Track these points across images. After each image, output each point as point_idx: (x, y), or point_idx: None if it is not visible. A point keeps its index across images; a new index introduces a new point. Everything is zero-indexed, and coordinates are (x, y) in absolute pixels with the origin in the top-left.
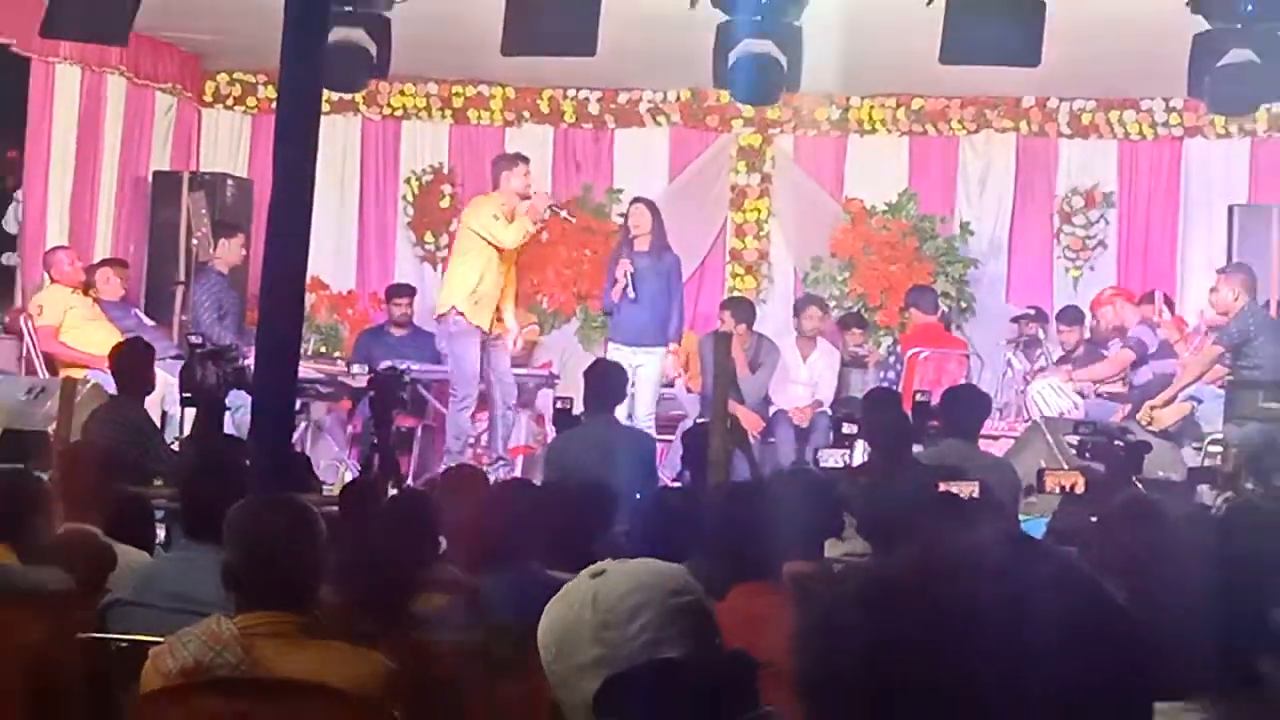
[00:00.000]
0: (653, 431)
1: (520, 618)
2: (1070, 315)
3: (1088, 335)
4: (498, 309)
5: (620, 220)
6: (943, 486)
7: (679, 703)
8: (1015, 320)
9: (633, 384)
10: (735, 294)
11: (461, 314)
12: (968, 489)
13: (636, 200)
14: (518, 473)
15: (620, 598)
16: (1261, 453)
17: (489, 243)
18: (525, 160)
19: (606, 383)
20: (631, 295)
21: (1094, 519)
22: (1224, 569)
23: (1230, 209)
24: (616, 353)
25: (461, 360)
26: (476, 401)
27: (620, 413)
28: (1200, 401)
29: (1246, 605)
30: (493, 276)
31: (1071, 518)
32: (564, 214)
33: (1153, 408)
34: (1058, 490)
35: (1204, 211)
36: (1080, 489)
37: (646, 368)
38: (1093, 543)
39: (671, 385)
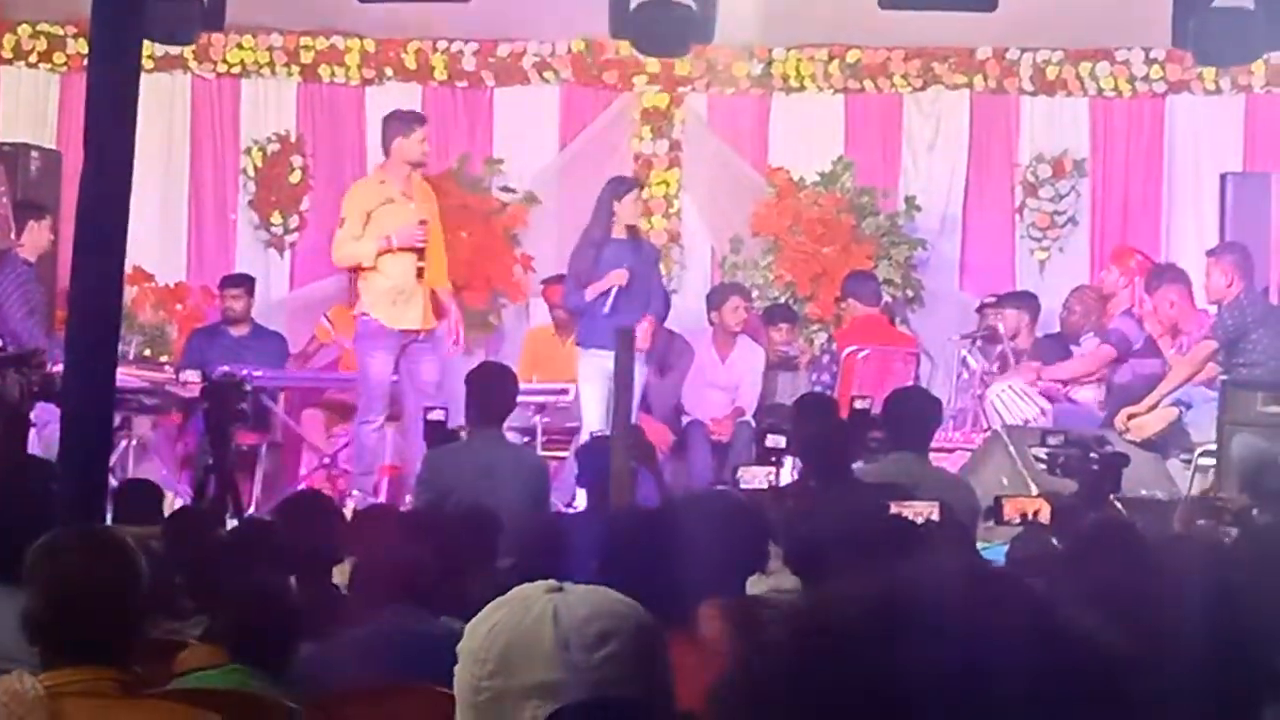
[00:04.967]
0: None
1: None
2: (1015, 300)
3: (1056, 328)
4: (433, 294)
5: (503, 195)
6: (894, 508)
7: None
8: (980, 310)
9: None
10: None
11: (372, 317)
12: (925, 510)
13: (631, 185)
14: (382, 497)
15: (586, 620)
16: (1262, 470)
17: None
18: (423, 121)
19: (493, 391)
20: (606, 310)
21: (1060, 545)
22: (1223, 605)
23: (1222, 178)
24: (589, 359)
25: (367, 369)
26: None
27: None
28: (1189, 406)
29: (1249, 649)
30: (401, 265)
31: (1035, 543)
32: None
33: (1132, 415)
34: (1018, 519)
35: (1191, 181)
36: (1045, 518)
37: None
38: (1060, 574)
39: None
